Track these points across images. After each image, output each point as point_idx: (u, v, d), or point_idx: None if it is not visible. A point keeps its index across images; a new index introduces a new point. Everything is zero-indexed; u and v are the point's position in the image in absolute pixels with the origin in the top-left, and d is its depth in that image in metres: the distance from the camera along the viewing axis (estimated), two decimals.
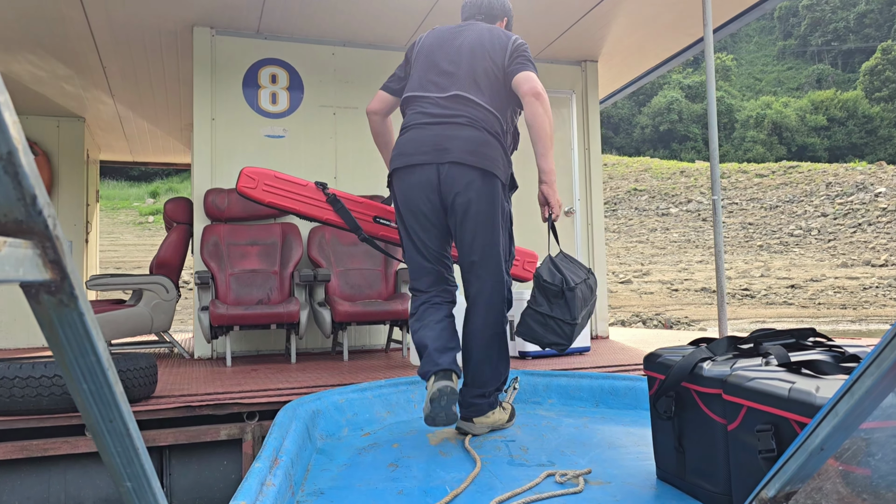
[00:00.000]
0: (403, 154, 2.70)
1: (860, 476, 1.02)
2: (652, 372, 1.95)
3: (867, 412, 0.82)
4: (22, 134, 0.43)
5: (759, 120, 47.79)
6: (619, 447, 2.41)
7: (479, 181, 2.61)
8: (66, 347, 0.50)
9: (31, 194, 0.43)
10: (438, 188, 2.65)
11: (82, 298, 0.48)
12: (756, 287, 18.49)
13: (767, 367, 1.61)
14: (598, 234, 6.34)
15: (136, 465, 0.58)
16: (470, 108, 2.67)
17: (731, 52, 60.42)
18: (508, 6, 3.05)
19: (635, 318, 14.47)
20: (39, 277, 0.45)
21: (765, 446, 1.43)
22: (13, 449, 2.78)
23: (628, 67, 6.68)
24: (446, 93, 2.71)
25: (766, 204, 28.20)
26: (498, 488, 1.96)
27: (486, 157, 2.62)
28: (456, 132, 2.64)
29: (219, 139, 5.38)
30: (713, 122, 4.60)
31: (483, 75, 2.71)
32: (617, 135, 52.11)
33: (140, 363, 3.05)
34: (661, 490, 1.91)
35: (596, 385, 3.29)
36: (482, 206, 2.62)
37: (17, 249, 0.43)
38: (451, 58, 2.77)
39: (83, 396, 0.53)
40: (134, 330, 5.15)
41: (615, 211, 29.29)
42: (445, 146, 2.63)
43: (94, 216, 7.93)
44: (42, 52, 5.66)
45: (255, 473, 1.70)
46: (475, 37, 2.79)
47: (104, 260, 19.51)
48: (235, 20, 5.27)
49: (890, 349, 0.74)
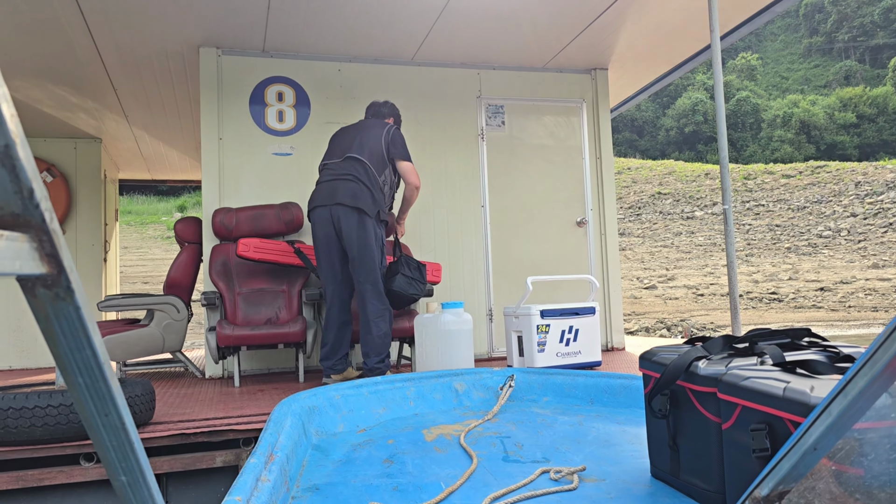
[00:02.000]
0: (312, 200, 4.26)
1: (853, 476, 1.03)
2: (647, 370, 1.96)
3: (861, 412, 0.83)
4: (20, 127, 0.43)
5: (786, 119, 47.13)
6: (613, 445, 2.40)
7: (355, 216, 4.08)
8: (62, 341, 0.50)
9: (28, 187, 0.44)
10: (331, 222, 4.15)
11: (79, 292, 0.48)
12: (784, 290, 18.14)
13: (762, 367, 1.61)
14: (611, 243, 6.24)
15: (130, 459, 0.58)
16: (356, 164, 4.16)
17: (756, 51, 59.71)
18: (396, 110, 4.65)
19: (659, 325, 14.27)
20: (36, 271, 0.46)
21: (759, 445, 1.44)
22: (9, 479, 2.79)
23: (639, 74, 6.59)
24: (342, 157, 4.23)
25: (794, 205, 27.70)
26: (493, 484, 1.96)
27: (359, 200, 4.08)
28: (343, 185, 4.13)
29: (226, 158, 5.40)
30: (722, 130, 4.50)
31: (367, 145, 4.23)
32: (641, 138, 51.76)
33: (136, 390, 3.04)
34: (655, 488, 1.91)
35: (591, 383, 3.27)
36: (357, 233, 4.09)
37: (13, 243, 0.43)
38: (349, 137, 4.32)
39: (79, 390, 0.53)
40: (146, 350, 5.18)
41: (639, 215, 29.01)
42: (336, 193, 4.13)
43: (112, 235, 8.02)
44: (56, 77, 5.74)
45: (249, 469, 1.69)
46: (365, 125, 4.39)
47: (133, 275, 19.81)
48: (241, 40, 5.30)
49: (883, 350, 0.75)
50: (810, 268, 20.84)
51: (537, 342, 4.60)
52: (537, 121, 6.19)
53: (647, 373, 1.95)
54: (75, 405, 0.54)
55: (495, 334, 5.90)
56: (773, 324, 14.10)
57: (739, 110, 49.10)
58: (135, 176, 9.20)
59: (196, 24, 4.98)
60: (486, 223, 5.96)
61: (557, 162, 6.21)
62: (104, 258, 7.45)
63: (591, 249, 6.19)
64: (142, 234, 26.75)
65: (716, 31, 4.59)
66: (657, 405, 1.86)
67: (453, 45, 5.62)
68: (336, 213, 4.08)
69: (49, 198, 0.45)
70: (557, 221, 6.14)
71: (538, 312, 4.61)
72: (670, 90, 52.24)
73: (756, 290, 18.36)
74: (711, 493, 1.69)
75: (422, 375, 3.19)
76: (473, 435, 2.58)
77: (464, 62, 5.98)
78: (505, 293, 5.92)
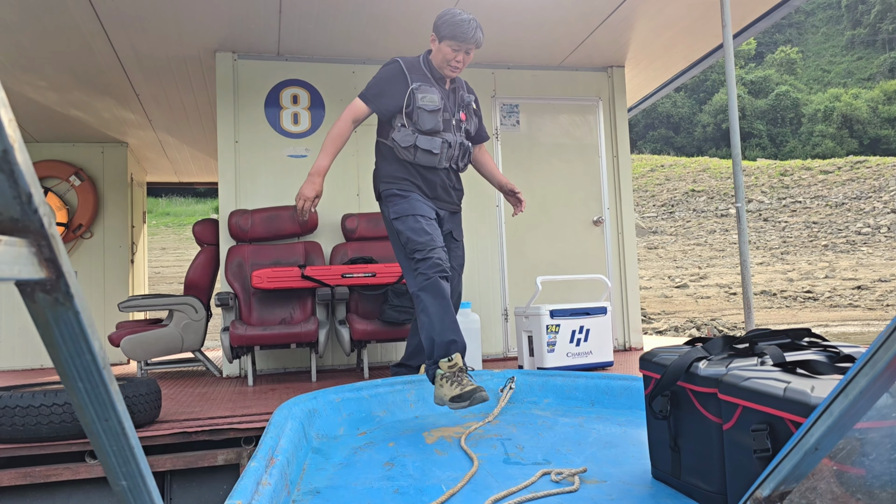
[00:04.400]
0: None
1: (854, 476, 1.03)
2: (648, 371, 1.96)
3: (861, 412, 0.83)
4: (18, 133, 0.43)
5: (827, 113, 46.04)
6: (614, 446, 2.40)
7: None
8: (62, 346, 0.50)
9: (26, 192, 0.43)
10: None
11: (78, 297, 0.48)
12: (819, 289, 17.71)
13: (763, 367, 1.61)
14: (629, 242, 6.18)
15: (131, 464, 0.58)
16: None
17: (796, 44, 58.42)
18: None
19: (689, 325, 14.06)
20: (35, 276, 0.45)
21: (760, 446, 1.44)
22: (17, 475, 2.88)
23: (657, 72, 6.51)
24: None
25: (832, 201, 27.02)
26: (493, 487, 1.97)
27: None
28: None
29: (242, 161, 5.49)
30: (735, 127, 4.43)
31: None
32: (678, 134, 51.05)
33: (140, 389, 3.12)
34: (656, 489, 1.91)
35: (592, 384, 3.26)
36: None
37: (12, 248, 0.43)
38: None
39: (79, 395, 0.53)
40: (166, 349, 5.29)
41: (672, 213, 28.59)
42: None
43: (140, 237, 8.20)
44: (80, 83, 5.90)
45: (250, 472, 1.70)
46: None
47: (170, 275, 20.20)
48: (256, 44, 5.37)
49: (884, 350, 0.75)
50: (847, 265, 20.31)
51: (547, 342, 4.59)
52: (553, 120, 6.16)
53: (647, 374, 1.96)
54: (75, 410, 0.54)
55: (510, 334, 5.89)
56: (807, 323, 13.78)
57: (779, 105, 48.08)
58: (162, 179, 9.40)
59: (211, 30, 5.06)
60: (500, 223, 5.95)
61: (573, 161, 6.17)
62: (131, 259, 7.63)
63: (608, 248, 6.14)
64: (179, 236, 27.27)
65: (728, 26, 4.52)
66: (658, 406, 1.87)
67: None
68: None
69: (46, 202, 0.45)
70: (574, 221, 6.11)
71: (548, 312, 4.60)
72: (707, 86, 51.38)
73: (791, 288, 17.96)
74: (713, 493, 1.69)
75: (423, 378, 3.20)
76: (474, 437, 2.59)
77: (478, 62, 5.98)
78: (520, 293, 5.91)
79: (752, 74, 50.62)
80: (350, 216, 5.44)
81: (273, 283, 4.84)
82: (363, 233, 5.40)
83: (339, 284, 4.88)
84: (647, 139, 50.73)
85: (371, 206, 5.60)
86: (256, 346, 4.77)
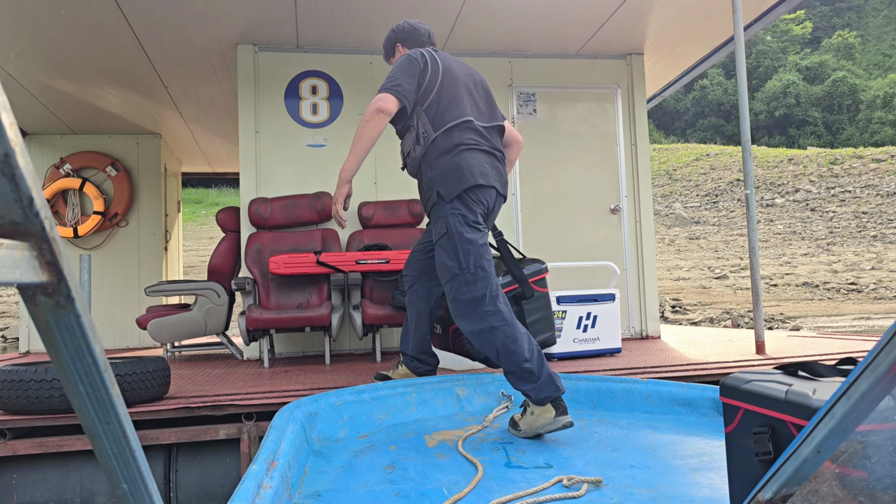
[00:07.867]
0: (481, 174, 2.97)
1: (857, 478, 1.02)
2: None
3: (864, 415, 0.82)
4: (19, 136, 0.43)
5: (887, 99, 44.31)
6: (616, 449, 2.42)
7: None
8: (63, 349, 0.50)
9: (27, 196, 0.43)
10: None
11: (79, 300, 0.48)
12: (864, 281, 17.17)
13: (768, 371, 1.61)
14: (646, 230, 6.16)
15: (132, 467, 0.58)
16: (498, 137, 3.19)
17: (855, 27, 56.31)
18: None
19: (725, 316, 13.83)
20: (36, 279, 0.45)
21: (761, 448, 1.43)
22: (32, 445, 3.08)
23: (677, 59, 6.44)
24: (490, 122, 3.15)
25: (883, 190, 26.08)
26: (496, 491, 1.97)
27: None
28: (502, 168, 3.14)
29: (263, 150, 5.66)
30: (745, 114, 4.40)
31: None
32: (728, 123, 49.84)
33: (148, 366, 3.29)
34: (658, 493, 1.91)
35: (593, 387, 3.28)
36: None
37: (13, 251, 0.43)
38: (469, 89, 3.18)
39: (80, 398, 0.53)
40: (190, 332, 5.51)
41: (716, 203, 28.01)
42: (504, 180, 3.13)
43: (174, 226, 8.49)
44: (112, 77, 6.15)
45: (251, 476, 1.72)
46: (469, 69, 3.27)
47: None
48: (275, 36, 5.53)
49: (886, 352, 0.74)
50: None
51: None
52: (570, 108, 6.17)
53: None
54: (77, 414, 0.54)
55: None
56: (849, 315, 13.42)
57: (835, 91, 46.48)
58: (197, 169, 9.68)
59: (232, 23, 5.23)
60: (517, 211, 6.00)
61: (591, 149, 6.17)
62: (164, 247, 7.91)
63: (626, 237, 6.13)
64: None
65: (738, 11, 4.49)
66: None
67: (484, 33, 5.66)
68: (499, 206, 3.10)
69: (47, 206, 0.46)
70: (591, 209, 6.12)
71: (554, 298, 4.64)
72: (760, 72, 49.98)
73: (835, 280, 17.46)
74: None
75: (423, 381, 3.22)
76: (475, 441, 2.59)
77: (495, 51, 6.02)
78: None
79: (808, 60, 49.05)
80: (367, 204, 5.56)
81: (289, 268, 5.00)
82: (379, 220, 5.52)
83: (353, 270, 5.02)
84: (696, 128, 49.66)
85: (387, 194, 5.72)
86: (272, 330, 4.94)
